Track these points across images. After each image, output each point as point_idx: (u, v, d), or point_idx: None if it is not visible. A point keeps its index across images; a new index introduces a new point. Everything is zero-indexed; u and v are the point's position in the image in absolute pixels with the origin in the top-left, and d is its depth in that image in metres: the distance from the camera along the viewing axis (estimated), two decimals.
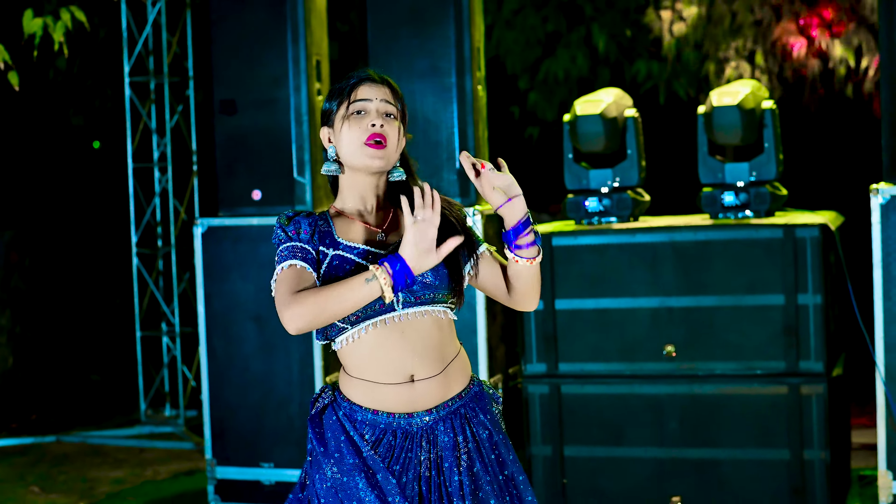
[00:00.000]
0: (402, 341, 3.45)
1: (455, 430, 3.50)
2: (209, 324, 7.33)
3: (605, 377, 6.68)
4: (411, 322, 3.46)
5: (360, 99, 3.50)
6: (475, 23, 7.03)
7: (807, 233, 6.35)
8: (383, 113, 3.51)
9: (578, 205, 6.92)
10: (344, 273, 3.43)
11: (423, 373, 3.47)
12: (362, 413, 3.47)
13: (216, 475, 7.36)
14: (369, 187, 3.55)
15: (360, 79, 3.53)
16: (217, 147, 7.35)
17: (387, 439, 3.46)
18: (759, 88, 6.80)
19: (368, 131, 3.47)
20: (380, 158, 3.47)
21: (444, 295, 3.49)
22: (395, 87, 3.57)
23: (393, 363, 3.46)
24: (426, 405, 3.48)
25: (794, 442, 6.38)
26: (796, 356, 6.38)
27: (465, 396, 3.55)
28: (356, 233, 3.52)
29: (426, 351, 3.47)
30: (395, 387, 3.46)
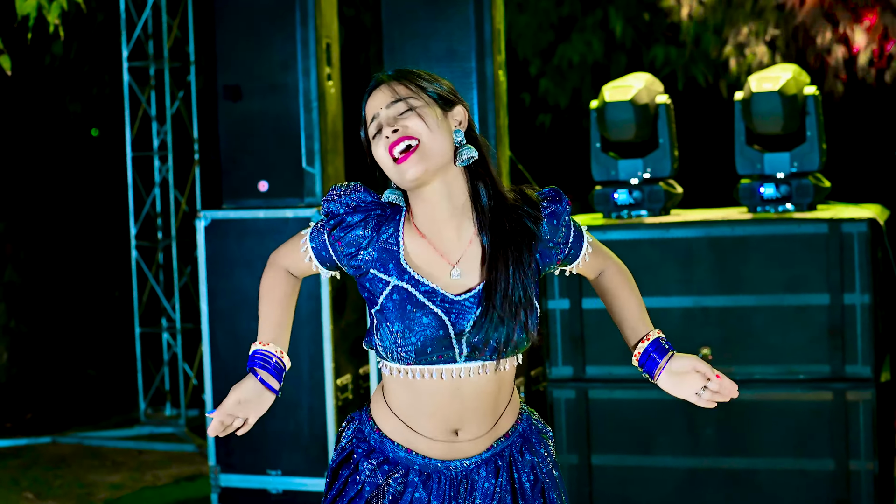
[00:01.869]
0: (452, 397, 3.03)
1: (497, 475, 3.10)
2: (213, 322, 7.06)
3: (636, 381, 6.37)
4: (471, 379, 3.02)
5: (371, 117, 3.02)
6: (496, 4, 6.82)
7: (854, 227, 6.09)
8: (396, 115, 2.97)
9: (607, 197, 6.65)
10: (400, 312, 2.99)
11: (470, 432, 3.07)
12: (394, 450, 3.09)
13: (220, 483, 7.11)
14: (436, 199, 3.02)
15: (365, 96, 3.08)
16: (221, 135, 7.10)
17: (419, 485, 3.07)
18: (801, 73, 6.54)
19: (387, 145, 2.96)
20: (413, 169, 2.95)
21: (521, 349, 3.06)
22: (411, 73, 3.05)
23: (438, 419, 3.05)
24: (468, 454, 3.08)
25: (839, 451, 6.12)
26: (842, 360, 6.13)
27: (511, 436, 3.13)
28: (427, 260, 3.03)
29: (479, 408, 3.05)
30: (435, 441, 3.07)
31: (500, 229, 3.02)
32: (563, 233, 3.13)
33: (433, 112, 2.99)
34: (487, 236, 3.01)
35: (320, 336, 6.85)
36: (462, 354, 2.99)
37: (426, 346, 2.96)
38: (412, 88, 3.01)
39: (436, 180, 2.99)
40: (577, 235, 3.16)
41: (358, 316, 7.17)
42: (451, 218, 3.02)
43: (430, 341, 2.96)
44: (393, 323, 2.97)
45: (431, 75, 3.07)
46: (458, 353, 2.98)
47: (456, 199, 3.02)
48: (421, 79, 3.04)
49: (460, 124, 3.04)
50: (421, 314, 2.97)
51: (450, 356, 2.98)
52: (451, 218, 3.03)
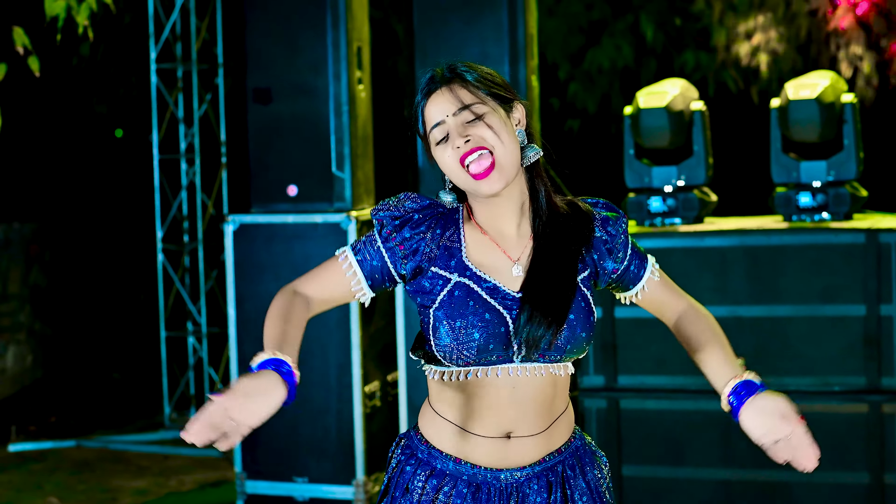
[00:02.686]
0: (509, 398, 2.95)
1: (550, 491, 3.01)
2: (240, 327, 7.09)
3: (668, 391, 6.42)
4: (527, 379, 2.95)
5: (433, 125, 2.94)
6: (529, 7, 6.84)
7: (891, 237, 6.10)
8: (465, 122, 2.90)
9: (641, 205, 6.67)
10: (464, 308, 2.92)
11: (524, 431, 2.98)
12: (443, 461, 3.00)
13: (246, 489, 7.13)
14: (500, 199, 2.95)
15: (422, 96, 2.97)
16: (250, 138, 7.14)
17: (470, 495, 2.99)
18: (838, 80, 6.55)
19: (457, 154, 2.90)
20: (490, 182, 2.89)
21: (569, 357, 2.98)
22: (467, 71, 2.96)
23: (491, 418, 2.97)
24: (520, 462, 2.99)
25: (875, 465, 6.10)
26: (878, 371, 6.12)
27: (564, 451, 3.05)
28: (488, 256, 2.96)
29: (533, 410, 2.97)
30: (487, 440, 2.98)
31: (554, 228, 2.98)
32: (622, 242, 3.06)
33: (499, 116, 2.92)
34: (542, 235, 2.97)
35: (349, 343, 6.87)
36: (520, 354, 2.92)
37: (488, 343, 2.89)
38: (475, 94, 2.93)
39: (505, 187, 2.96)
40: (638, 256, 3.08)
41: (386, 322, 7.17)
42: (512, 215, 2.98)
43: (492, 338, 2.89)
44: (455, 320, 2.90)
45: (486, 71, 2.99)
46: (515, 353, 2.91)
47: (517, 197, 2.98)
48: (480, 81, 2.96)
49: (519, 122, 2.97)
50: (483, 310, 2.91)
51: (508, 355, 2.91)
52: (513, 215, 2.98)
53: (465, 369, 2.93)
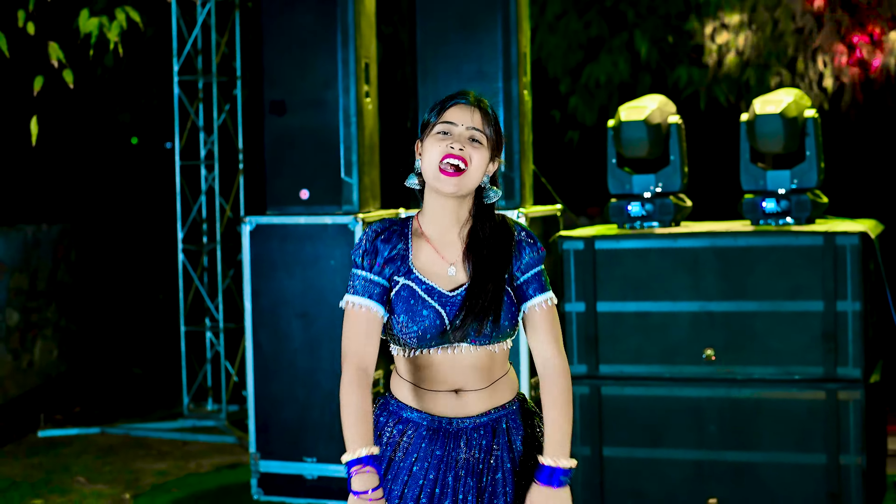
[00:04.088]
0: (451, 368, 3.58)
1: (494, 435, 3.62)
2: (255, 320, 7.41)
3: (646, 379, 6.73)
4: (465, 353, 3.57)
5: (446, 121, 3.56)
6: (522, 28, 7.11)
7: (847, 240, 6.39)
8: (468, 138, 3.54)
9: (621, 209, 6.98)
10: (406, 305, 3.53)
11: (470, 387, 3.60)
12: (408, 412, 3.62)
13: (259, 469, 7.45)
14: (450, 209, 3.61)
15: (454, 101, 3.59)
16: (266, 146, 7.43)
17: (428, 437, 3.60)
18: (802, 97, 6.84)
19: (445, 152, 3.51)
20: (453, 184, 3.52)
21: (500, 338, 3.59)
22: (489, 112, 3.60)
23: (439, 379, 3.59)
24: (468, 413, 3.61)
25: (831, 447, 6.42)
26: (834, 362, 6.42)
27: (507, 407, 3.65)
28: (429, 261, 3.61)
29: (473, 374, 3.59)
30: (439, 394, 3.59)
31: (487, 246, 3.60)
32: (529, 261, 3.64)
33: (486, 155, 3.57)
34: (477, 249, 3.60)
35: None
36: (455, 339, 3.54)
37: (426, 333, 3.53)
38: (489, 130, 3.57)
39: (457, 199, 3.59)
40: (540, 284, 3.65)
41: None
42: (454, 225, 3.62)
43: (429, 330, 3.53)
44: (400, 314, 3.54)
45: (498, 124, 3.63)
46: (451, 338, 3.54)
47: (464, 212, 3.62)
48: (494, 125, 3.59)
49: (489, 170, 3.61)
50: (421, 308, 3.54)
51: (445, 340, 3.54)
52: (455, 225, 3.62)
53: (412, 349, 3.57)
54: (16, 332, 10.61)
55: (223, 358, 9.95)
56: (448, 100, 3.61)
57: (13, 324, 10.62)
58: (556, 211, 7.50)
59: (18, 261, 10.71)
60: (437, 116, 3.58)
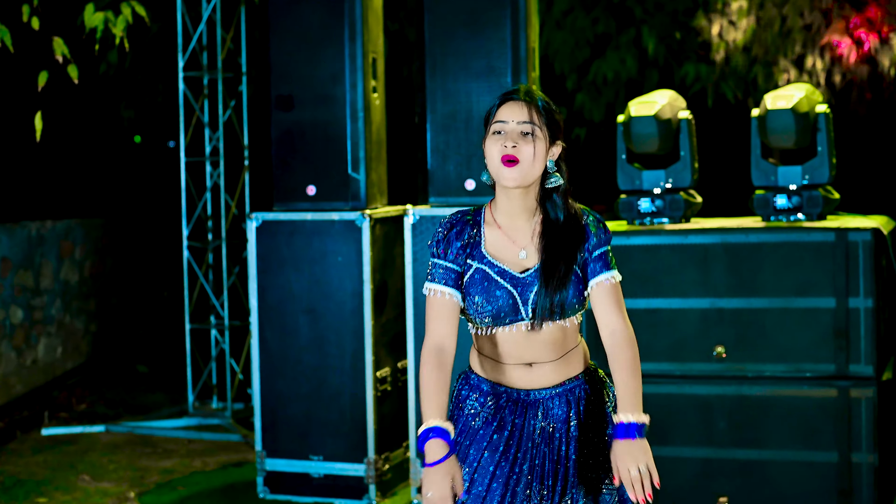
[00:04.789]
0: (526, 341, 3.84)
1: (569, 406, 3.88)
2: (262, 317, 7.39)
3: (655, 377, 6.69)
4: (537, 331, 3.82)
5: (498, 120, 3.80)
6: (531, 24, 7.07)
7: (859, 237, 6.36)
8: (519, 133, 3.77)
9: (631, 205, 6.95)
10: (480, 287, 3.82)
11: (543, 360, 3.86)
12: (488, 384, 3.92)
13: (265, 467, 7.43)
14: (517, 199, 3.85)
15: (504, 99, 3.83)
16: (273, 142, 7.40)
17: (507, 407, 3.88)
18: (813, 92, 6.80)
19: (502, 152, 3.75)
20: (512, 178, 3.76)
21: (570, 313, 3.84)
22: (539, 104, 3.81)
23: (515, 353, 3.86)
24: (543, 384, 3.89)
25: (842, 445, 6.39)
26: (846, 359, 6.40)
27: (580, 377, 3.92)
28: (500, 247, 3.87)
29: (546, 347, 3.85)
30: (515, 367, 3.87)
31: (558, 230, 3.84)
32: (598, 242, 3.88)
33: (543, 144, 3.80)
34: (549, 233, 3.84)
35: (362, 331, 7.17)
36: (528, 316, 3.80)
37: (499, 312, 3.80)
38: (541, 119, 3.80)
39: (523, 188, 3.83)
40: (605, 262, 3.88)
41: (397, 313, 7.46)
42: (523, 212, 3.87)
43: (502, 309, 3.80)
44: (475, 296, 3.82)
45: (556, 111, 3.84)
46: (524, 315, 3.80)
47: (531, 201, 3.87)
48: (549, 112, 3.82)
49: (553, 155, 3.84)
50: (494, 289, 3.81)
51: (518, 318, 3.81)
52: (524, 212, 3.87)
53: (489, 327, 3.85)
54: (20, 329, 10.59)
55: (228, 355, 9.93)
56: (500, 98, 3.85)
57: (17, 321, 10.59)
58: None
59: (22, 258, 10.68)
60: (493, 116, 3.83)
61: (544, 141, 3.79)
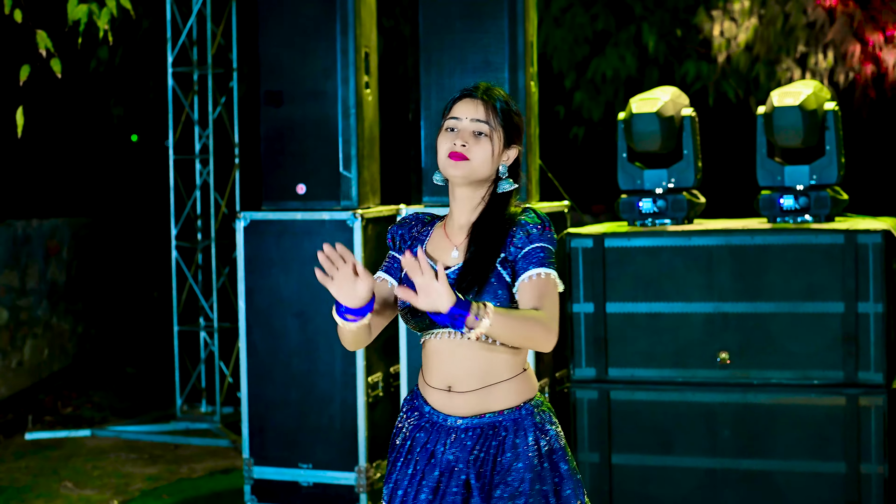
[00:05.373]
0: (450, 358, 3.62)
1: (483, 440, 3.62)
2: (250, 319, 7.21)
3: (657, 384, 6.56)
4: (461, 342, 3.59)
5: (453, 116, 3.66)
6: (529, 17, 6.92)
7: (869, 239, 6.22)
8: (472, 131, 3.61)
9: (632, 205, 6.81)
10: (406, 280, 3.67)
11: (460, 387, 3.63)
12: (420, 399, 3.75)
13: (253, 475, 7.25)
14: (462, 198, 3.68)
15: (461, 95, 3.69)
16: (262, 139, 7.25)
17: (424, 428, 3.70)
18: (822, 89, 6.65)
19: (450, 149, 3.61)
20: (457, 174, 3.61)
21: None
22: (497, 105, 3.65)
23: (438, 372, 3.66)
24: (461, 412, 3.65)
25: (851, 455, 6.24)
26: (855, 366, 6.25)
27: (505, 414, 3.64)
28: (438, 245, 3.73)
29: (467, 370, 3.61)
30: (436, 390, 3.67)
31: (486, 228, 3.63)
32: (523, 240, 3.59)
33: (497, 146, 3.63)
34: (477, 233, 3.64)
35: None
36: None
37: (416, 309, 3.52)
38: (496, 119, 3.63)
39: (468, 187, 3.66)
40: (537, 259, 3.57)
41: None
42: (467, 211, 3.69)
43: None
44: None
45: (516, 113, 3.69)
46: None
47: (476, 200, 3.68)
48: (508, 113, 3.66)
49: (508, 160, 3.68)
50: None
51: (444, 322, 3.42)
52: (468, 212, 3.69)
53: (422, 335, 3.66)
54: (5, 330, 10.51)
55: (217, 358, 9.81)
56: (457, 94, 3.70)
57: (2, 322, 10.50)
58: (564, 207, 7.27)
59: (8, 257, 10.58)
60: (448, 112, 3.68)
61: (499, 143, 3.62)
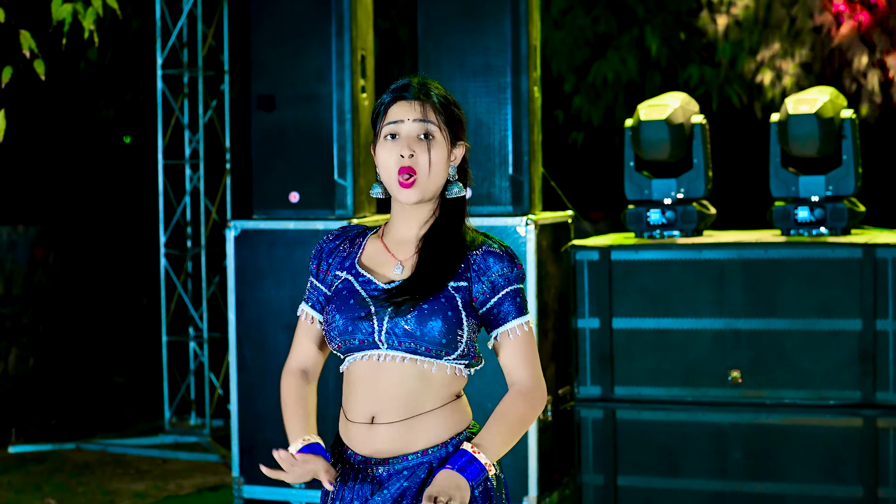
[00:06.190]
0: (375, 382, 3.21)
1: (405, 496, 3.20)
2: (240, 332, 7.04)
3: (664, 403, 6.40)
4: (391, 365, 3.19)
5: (391, 121, 3.23)
6: (532, 19, 6.75)
7: (888, 253, 6.08)
8: (416, 135, 3.20)
9: (640, 216, 6.64)
10: (338, 298, 3.26)
11: (384, 418, 3.20)
12: (340, 445, 3.32)
13: (243, 494, 7.09)
14: (413, 212, 3.27)
15: (393, 96, 3.25)
16: (253, 144, 7.09)
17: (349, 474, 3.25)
18: (838, 96, 6.48)
19: (399, 162, 3.19)
20: (411, 197, 3.20)
21: (428, 349, 3.17)
22: (435, 100, 3.24)
23: (360, 400, 3.23)
24: (384, 453, 3.21)
25: (868, 478, 6.08)
26: (873, 386, 6.11)
27: (430, 453, 3.21)
28: (377, 260, 3.30)
29: (394, 396, 3.20)
30: (357, 425, 3.24)
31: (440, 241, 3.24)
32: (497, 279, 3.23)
33: (443, 148, 3.23)
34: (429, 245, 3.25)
35: None
36: (382, 342, 3.17)
37: (347, 325, 3.19)
38: (438, 117, 3.22)
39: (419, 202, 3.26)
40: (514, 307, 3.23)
41: None
42: (415, 224, 3.28)
43: (350, 322, 3.20)
44: (332, 312, 3.24)
45: (455, 103, 3.28)
46: (377, 338, 3.18)
47: (426, 212, 3.28)
48: (447, 107, 3.25)
49: (455, 159, 3.27)
50: (350, 298, 3.22)
51: (371, 342, 3.18)
52: (415, 224, 3.28)
53: (345, 357, 3.24)
54: None
55: (207, 369, 9.60)
56: (390, 95, 3.27)
57: None
58: (568, 217, 7.03)
59: None
60: (382, 116, 3.26)
61: (445, 143, 3.21)
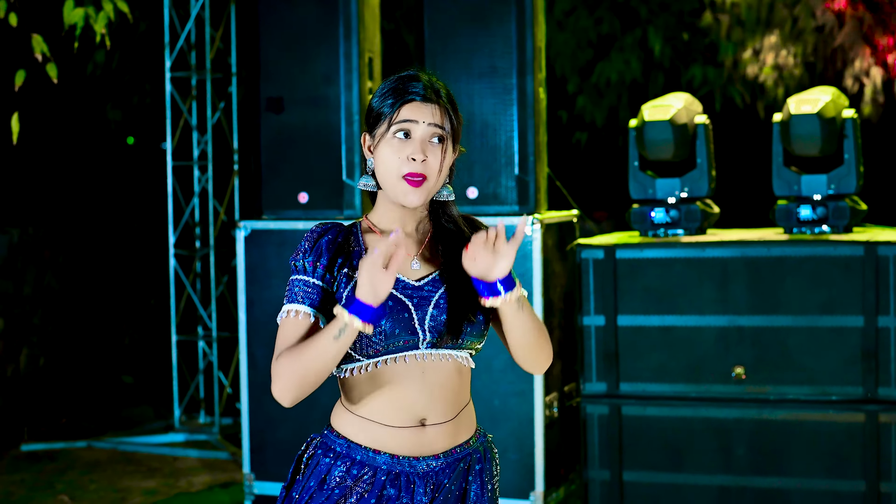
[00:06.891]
0: (421, 382, 3.12)
1: (465, 479, 3.20)
2: (250, 332, 7.07)
3: (669, 399, 6.42)
4: (434, 364, 3.12)
5: (404, 119, 3.12)
6: (538, 21, 6.76)
7: (890, 251, 6.10)
8: (429, 138, 3.13)
9: (644, 215, 6.67)
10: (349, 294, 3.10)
11: (436, 417, 3.14)
12: (361, 453, 3.13)
13: (254, 490, 7.11)
14: (410, 210, 3.20)
15: (406, 96, 3.13)
16: (262, 146, 7.11)
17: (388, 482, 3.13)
18: (839, 96, 6.52)
19: (408, 165, 3.10)
20: (417, 197, 3.11)
21: (470, 342, 3.16)
22: (447, 102, 3.17)
23: (405, 404, 3.12)
24: (433, 451, 3.15)
25: (871, 473, 6.11)
26: (875, 382, 6.13)
27: (473, 444, 3.22)
28: None
29: (443, 396, 3.14)
30: (403, 430, 3.13)
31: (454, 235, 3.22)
32: None
33: (450, 153, 3.17)
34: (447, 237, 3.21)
35: None
36: (425, 341, 3.09)
37: (394, 328, 3.06)
38: (451, 124, 3.16)
39: None
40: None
41: None
42: (411, 221, 3.21)
43: (396, 324, 3.06)
44: None
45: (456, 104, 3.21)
46: (421, 339, 3.09)
47: (422, 213, 3.24)
48: (455, 110, 3.18)
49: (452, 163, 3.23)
50: (390, 300, 3.07)
51: (414, 342, 3.08)
52: (412, 221, 3.21)
53: (374, 360, 3.08)
54: (0, 338, 10.31)
55: (216, 368, 9.64)
56: (401, 92, 3.14)
57: None
58: (573, 217, 7.09)
59: (3, 265, 10.44)
60: (394, 113, 3.12)
61: (450, 148, 3.17)
